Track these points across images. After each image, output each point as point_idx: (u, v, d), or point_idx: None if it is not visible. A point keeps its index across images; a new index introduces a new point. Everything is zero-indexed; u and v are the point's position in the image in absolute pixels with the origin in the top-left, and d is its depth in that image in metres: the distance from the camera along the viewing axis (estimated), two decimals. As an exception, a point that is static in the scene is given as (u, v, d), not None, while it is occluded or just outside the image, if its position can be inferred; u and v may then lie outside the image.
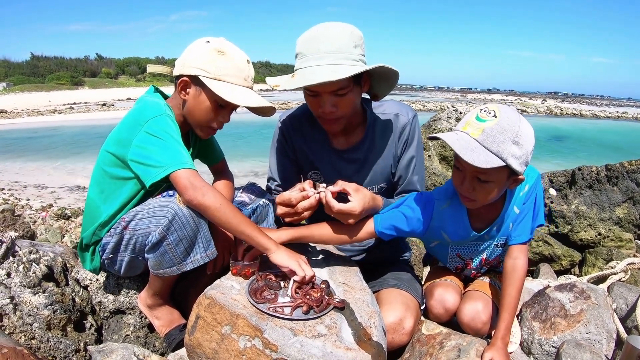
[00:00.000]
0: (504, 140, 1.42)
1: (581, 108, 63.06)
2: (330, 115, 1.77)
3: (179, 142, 1.71)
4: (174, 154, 1.66)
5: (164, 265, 1.71)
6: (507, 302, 1.63)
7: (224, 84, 1.78)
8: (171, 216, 1.63)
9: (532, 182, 1.71)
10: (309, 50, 1.73)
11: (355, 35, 1.73)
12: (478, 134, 1.45)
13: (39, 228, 6.06)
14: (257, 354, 1.32)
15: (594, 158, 17.55)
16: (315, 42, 1.72)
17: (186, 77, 1.81)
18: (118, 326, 2.03)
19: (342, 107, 1.76)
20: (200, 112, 1.83)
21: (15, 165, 14.72)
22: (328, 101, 1.74)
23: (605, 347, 1.80)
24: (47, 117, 32.31)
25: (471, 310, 1.75)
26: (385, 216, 1.81)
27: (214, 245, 1.78)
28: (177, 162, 1.64)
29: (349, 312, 1.50)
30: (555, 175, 3.92)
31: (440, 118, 4.76)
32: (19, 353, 1.42)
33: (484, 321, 1.74)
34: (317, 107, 1.78)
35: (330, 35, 1.71)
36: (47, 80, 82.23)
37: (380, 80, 1.89)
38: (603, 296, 1.96)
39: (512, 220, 1.74)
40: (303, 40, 1.76)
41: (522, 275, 1.67)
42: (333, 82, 1.63)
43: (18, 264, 1.85)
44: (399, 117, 2.00)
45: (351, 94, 1.75)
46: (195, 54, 1.81)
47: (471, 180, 1.53)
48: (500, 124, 1.44)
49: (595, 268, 3.22)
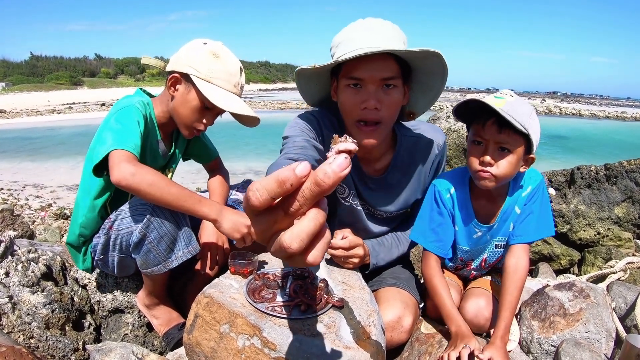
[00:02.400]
0: (524, 112, 1.52)
1: (580, 108, 63.07)
2: (373, 114, 1.58)
3: (132, 129, 1.68)
4: (119, 136, 1.62)
5: (150, 264, 1.72)
6: (508, 301, 1.63)
7: (213, 87, 1.78)
8: (149, 214, 1.63)
9: (535, 185, 1.73)
10: (356, 32, 1.57)
11: (403, 35, 1.63)
12: (502, 105, 1.51)
13: (38, 228, 6.05)
14: (256, 353, 1.32)
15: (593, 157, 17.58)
16: (364, 26, 1.58)
17: (177, 74, 1.81)
18: (117, 325, 2.03)
19: (386, 105, 1.58)
20: (185, 110, 1.83)
21: (14, 165, 14.69)
22: (374, 93, 1.55)
23: (604, 346, 1.80)
24: (46, 117, 32.25)
25: (474, 307, 1.75)
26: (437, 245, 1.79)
27: (196, 240, 1.79)
28: (117, 142, 1.59)
29: (347, 310, 1.49)
30: (554, 175, 3.91)
31: (440, 117, 4.75)
32: (17, 352, 1.41)
33: (487, 317, 1.74)
34: (359, 103, 1.57)
35: (381, 24, 1.59)
36: (46, 80, 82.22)
37: (422, 91, 1.73)
38: (602, 295, 1.96)
39: (514, 220, 1.75)
40: (347, 29, 1.62)
41: (524, 276, 1.67)
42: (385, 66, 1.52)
43: (17, 263, 1.85)
44: (431, 144, 1.87)
45: (397, 93, 1.59)
46: (190, 52, 1.81)
47: (493, 150, 1.56)
48: (518, 101, 1.54)
49: (595, 267, 3.21)
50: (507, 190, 1.73)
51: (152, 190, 1.55)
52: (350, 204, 1.92)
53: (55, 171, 13.64)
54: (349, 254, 1.75)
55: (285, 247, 0.57)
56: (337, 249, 1.74)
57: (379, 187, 1.89)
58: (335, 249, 1.74)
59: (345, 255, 1.75)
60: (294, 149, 1.52)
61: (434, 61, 1.57)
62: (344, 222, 1.93)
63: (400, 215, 2.02)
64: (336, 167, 0.57)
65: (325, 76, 1.72)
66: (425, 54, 1.52)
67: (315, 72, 1.65)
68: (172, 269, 1.77)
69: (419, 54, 1.52)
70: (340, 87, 1.64)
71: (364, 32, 1.56)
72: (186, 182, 11.51)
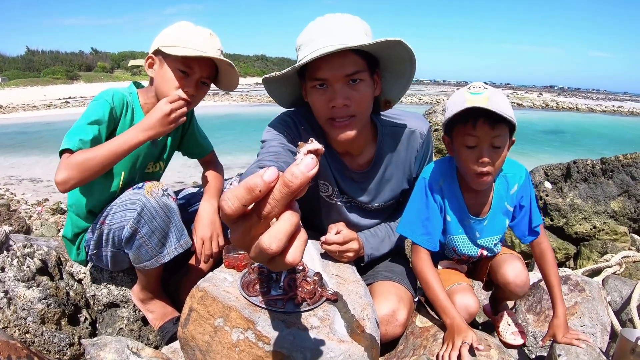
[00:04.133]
0: (505, 102, 1.53)
1: (577, 102, 63.16)
2: (343, 111, 1.57)
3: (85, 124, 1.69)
4: (68, 135, 1.66)
5: (143, 258, 1.72)
6: (551, 280, 1.72)
7: (183, 49, 1.74)
8: (139, 208, 1.63)
9: (521, 182, 1.75)
10: (315, 32, 1.56)
11: (365, 25, 1.60)
12: (486, 101, 1.50)
13: (35, 223, 6.05)
14: (250, 346, 1.32)
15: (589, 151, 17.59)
16: (322, 25, 1.56)
17: (151, 56, 1.81)
18: (112, 319, 2.03)
19: (355, 101, 1.57)
20: (164, 84, 1.79)
21: (11, 160, 14.67)
22: (340, 91, 1.54)
23: (599, 340, 1.80)
24: (42, 111, 32.19)
25: (514, 269, 1.77)
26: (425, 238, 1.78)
27: (187, 235, 1.79)
28: (64, 142, 1.63)
29: (342, 304, 1.49)
30: (550, 169, 3.92)
31: (436, 111, 4.74)
32: (12, 347, 1.41)
33: (526, 276, 1.78)
34: (327, 103, 1.57)
35: (339, 20, 1.57)
36: (43, 75, 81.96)
37: (394, 77, 1.70)
38: (597, 289, 1.97)
39: (508, 217, 1.78)
40: (306, 29, 1.60)
41: (552, 254, 1.77)
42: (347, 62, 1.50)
43: (12, 258, 1.84)
44: (414, 134, 1.85)
45: (365, 87, 1.58)
46: (160, 34, 1.82)
47: (488, 149, 1.56)
48: (495, 93, 1.54)
49: (590, 261, 3.23)
50: (492, 184, 1.75)
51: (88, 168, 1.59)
52: (335, 201, 1.92)
53: (51, 166, 13.60)
54: (343, 248, 1.75)
55: (265, 248, 0.59)
56: (331, 244, 1.74)
57: (364, 181, 1.88)
58: (329, 244, 1.74)
59: (339, 250, 1.75)
60: (267, 155, 1.53)
61: (398, 48, 1.55)
62: (334, 220, 1.93)
63: (390, 206, 2.02)
64: (303, 167, 0.60)
65: (293, 79, 1.71)
66: (386, 44, 1.50)
67: (282, 77, 1.65)
68: (165, 263, 1.77)
69: (379, 45, 1.49)
70: (308, 89, 1.64)
71: (322, 31, 1.55)
72: (183, 177, 11.50)
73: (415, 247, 1.77)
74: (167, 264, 1.79)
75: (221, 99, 37.35)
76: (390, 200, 1.97)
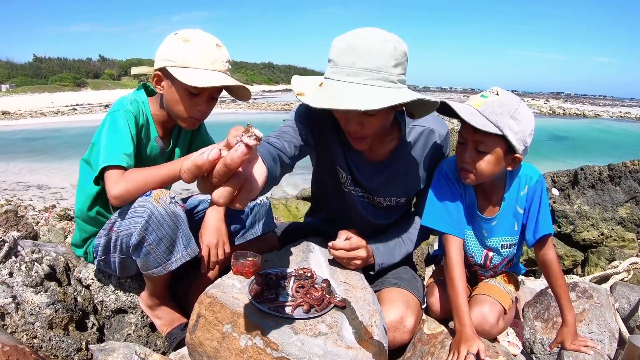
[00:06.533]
0: (502, 112, 1.55)
1: (584, 108, 62.98)
2: (355, 134, 1.62)
3: (121, 137, 1.72)
4: (109, 151, 1.69)
5: (150, 266, 1.72)
6: (558, 292, 1.71)
7: (190, 70, 1.73)
8: (147, 216, 1.63)
9: (532, 183, 1.74)
10: (343, 61, 1.48)
11: (398, 52, 1.48)
12: (480, 105, 1.57)
13: (42, 229, 6.07)
14: (258, 353, 1.32)
15: (596, 158, 17.51)
16: (351, 55, 1.46)
17: (158, 72, 1.81)
18: (120, 325, 2.03)
19: (368, 127, 1.58)
20: (175, 103, 1.81)
21: (18, 166, 14.75)
22: (354, 120, 1.56)
23: (607, 346, 1.79)
24: (50, 118, 32.39)
25: (478, 315, 1.73)
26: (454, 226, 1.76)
27: (194, 243, 1.78)
28: (108, 158, 1.67)
29: (350, 311, 1.49)
30: (557, 175, 3.91)
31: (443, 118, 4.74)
32: (20, 351, 1.42)
33: (492, 324, 1.73)
34: (342, 122, 1.62)
35: (370, 49, 1.45)
36: (50, 82, 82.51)
37: (416, 106, 1.63)
38: (605, 296, 1.96)
39: (518, 221, 1.78)
40: (338, 48, 1.50)
41: (557, 266, 1.74)
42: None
43: (20, 263, 1.86)
44: (434, 133, 1.86)
45: (381, 116, 1.57)
46: (163, 47, 1.80)
47: (472, 150, 1.62)
48: (500, 99, 1.57)
49: (598, 268, 3.21)
50: (503, 186, 1.76)
51: (148, 186, 1.66)
52: (349, 190, 1.93)
53: (59, 172, 13.70)
54: (350, 255, 1.75)
55: (215, 201, 0.81)
56: (338, 250, 1.74)
57: (379, 171, 1.89)
58: (336, 249, 1.74)
59: (347, 257, 1.75)
60: (275, 133, 1.64)
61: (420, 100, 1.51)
62: (342, 211, 1.95)
63: (401, 206, 2.02)
64: (238, 153, 0.76)
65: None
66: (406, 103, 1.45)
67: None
68: (173, 270, 1.77)
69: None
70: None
71: (350, 66, 1.46)
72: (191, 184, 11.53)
73: (447, 238, 1.76)
74: (174, 270, 1.79)
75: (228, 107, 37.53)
76: (402, 197, 1.97)
